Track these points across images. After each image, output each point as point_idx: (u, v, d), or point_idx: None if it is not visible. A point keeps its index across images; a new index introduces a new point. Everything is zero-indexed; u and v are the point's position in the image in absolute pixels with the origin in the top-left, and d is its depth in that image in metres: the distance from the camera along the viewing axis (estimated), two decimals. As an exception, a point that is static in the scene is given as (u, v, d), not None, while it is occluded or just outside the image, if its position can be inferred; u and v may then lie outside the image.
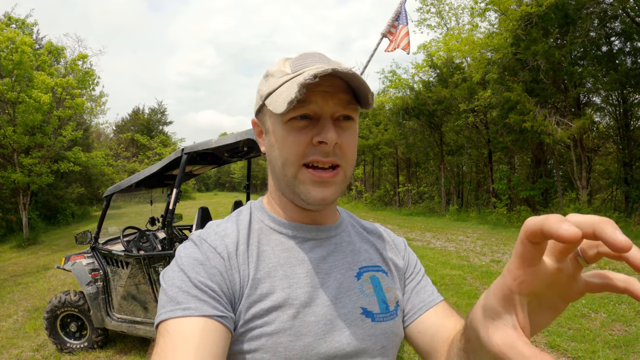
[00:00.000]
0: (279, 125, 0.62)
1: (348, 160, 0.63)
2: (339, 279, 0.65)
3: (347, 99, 0.61)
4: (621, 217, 9.92)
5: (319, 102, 0.59)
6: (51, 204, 15.41)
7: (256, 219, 0.69)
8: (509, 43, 11.24)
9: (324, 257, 0.66)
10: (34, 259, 8.94)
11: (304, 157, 0.61)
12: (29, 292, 6.19)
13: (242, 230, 0.65)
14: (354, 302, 0.65)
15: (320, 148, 0.60)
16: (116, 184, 3.88)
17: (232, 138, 2.78)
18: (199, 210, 3.67)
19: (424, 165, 20.12)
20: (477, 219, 13.02)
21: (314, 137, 0.59)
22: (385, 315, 0.67)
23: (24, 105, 9.87)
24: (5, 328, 4.68)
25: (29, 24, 13.56)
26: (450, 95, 14.15)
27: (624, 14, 10.07)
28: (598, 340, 3.51)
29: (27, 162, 10.78)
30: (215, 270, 0.59)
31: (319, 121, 0.60)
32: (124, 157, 28.59)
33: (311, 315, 0.60)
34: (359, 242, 0.74)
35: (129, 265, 3.38)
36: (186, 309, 0.54)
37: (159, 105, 36.79)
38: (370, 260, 0.72)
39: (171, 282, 0.58)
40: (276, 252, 0.64)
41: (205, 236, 0.63)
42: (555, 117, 10.33)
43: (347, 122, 0.62)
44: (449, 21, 16.65)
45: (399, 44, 5.38)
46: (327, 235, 0.69)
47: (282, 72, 0.63)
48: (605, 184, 13.75)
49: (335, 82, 0.59)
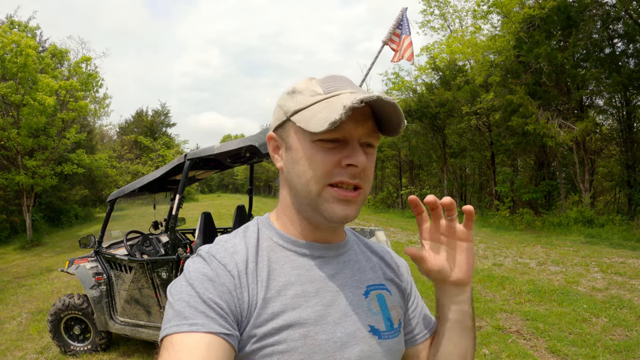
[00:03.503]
0: (307, 143, 0.62)
1: (369, 182, 0.65)
2: (348, 297, 0.67)
3: (373, 127, 0.63)
4: (624, 219, 9.87)
5: (350, 127, 0.60)
6: (55, 205, 15.50)
7: (264, 236, 0.69)
8: (511, 45, 11.23)
9: (333, 275, 0.68)
10: (37, 261, 8.99)
11: (330, 177, 0.61)
12: (33, 294, 6.22)
13: (251, 247, 0.66)
14: (362, 320, 0.67)
15: (348, 170, 0.61)
16: (120, 188, 3.90)
17: (235, 144, 2.81)
18: (201, 216, 3.69)
19: (427, 168, 20.11)
20: (479, 221, 12.99)
21: (343, 159, 0.61)
22: (391, 332, 0.69)
23: (28, 108, 9.93)
24: (9, 330, 4.71)
25: (32, 28, 13.65)
26: (452, 97, 14.14)
27: (626, 16, 10.05)
28: (599, 345, 3.50)
29: (31, 164, 10.83)
30: (225, 288, 0.59)
31: (347, 145, 0.61)
32: (128, 159, 28.71)
33: (322, 334, 0.61)
34: (364, 260, 0.75)
35: (132, 269, 3.41)
36: (193, 324, 0.54)
37: (162, 107, 36.92)
38: (376, 278, 0.74)
39: (179, 296, 0.58)
40: (286, 270, 0.65)
41: (215, 252, 0.64)
42: (558, 120, 10.30)
43: (370, 149, 0.64)
44: (453, 23, 16.66)
45: (403, 54, 5.40)
46: (335, 253, 0.70)
47: (312, 91, 0.63)
48: (609, 186, 13.70)
49: (365, 109, 0.61)
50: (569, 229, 9.93)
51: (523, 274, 6.08)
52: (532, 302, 4.75)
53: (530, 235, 9.91)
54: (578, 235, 9.39)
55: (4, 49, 9.38)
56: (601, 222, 9.88)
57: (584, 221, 10.08)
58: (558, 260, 6.88)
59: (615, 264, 6.32)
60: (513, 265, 6.66)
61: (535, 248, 8.15)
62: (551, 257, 7.17)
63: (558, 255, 7.24)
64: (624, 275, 5.70)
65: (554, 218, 10.86)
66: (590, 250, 7.57)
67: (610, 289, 5.08)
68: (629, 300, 4.61)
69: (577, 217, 10.23)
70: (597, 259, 6.80)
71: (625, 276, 5.64)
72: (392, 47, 5.55)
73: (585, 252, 7.45)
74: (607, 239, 8.70)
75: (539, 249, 8.06)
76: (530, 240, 9.20)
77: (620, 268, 6.06)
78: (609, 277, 5.66)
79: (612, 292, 4.95)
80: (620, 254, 7.10)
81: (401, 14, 5.51)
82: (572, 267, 6.33)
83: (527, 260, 6.97)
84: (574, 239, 8.99)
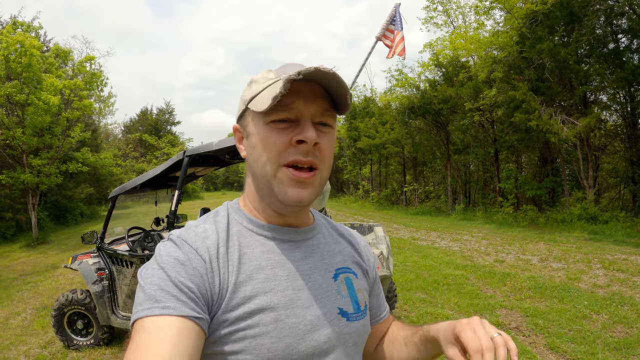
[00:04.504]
0: (261, 127, 0.64)
1: (325, 163, 0.65)
2: (318, 281, 0.68)
3: (326, 106, 0.64)
4: (628, 216, 9.80)
5: (300, 106, 0.61)
6: (60, 203, 15.65)
7: (234, 220, 0.69)
8: (514, 41, 11.16)
9: (303, 259, 0.69)
10: (43, 259, 9.11)
11: (285, 157, 0.62)
12: (38, 291, 6.32)
13: (222, 232, 0.66)
14: (332, 302, 0.68)
15: (300, 148, 0.61)
16: (121, 185, 3.95)
17: (232, 141, 2.84)
18: (200, 212, 3.73)
19: (431, 165, 20.04)
20: (483, 218, 12.95)
21: (294, 137, 0.61)
22: (358, 314, 0.72)
23: (33, 107, 10.04)
24: (14, 325, 4.79)
25: (35, 28, 13.75)
26: (455, 94, 14.08)
27: (630, 10, 9.93)
28: (598, 342, 3.47)
29: (36, 163, 10.95)
30: (196, 272, 0.59)
31: (300, 123, 0.62)
32: (132, 157, 28.90)
33: (292, 317, 0.62)
34: (332, 243, 0.77)
35: (133, 264, 3.45)
36: (165, 307, 0.54)
37: (167, 105, 37.11)
38: (344, 262, 0.76)
39: (150, 279, 0.58)
40: (257, 254, 0.65)
41: (186, 237, 0.63)
42: (561, 116, 10.23)
43: (325, 128, 0.65)
44: (456, 19, 16.56)
45: (394, 50, 5.39)
46: (304, 237, 0.71)
47: (265, 78, 0.65)
48: (613, 182, 13.58)
49: (315, 88, 0.62)
50: (572, 226, 9.88)
51: (524, 270, 6.07)
52: (532, 299, 4.74)
53: (534, 232, 9.87)
54: (581, 232, 9.34)
55: (8, 49, 9.47)
56: (605, 219, 9.81)
57: (588, 218, 10.01)
58: (560, 256, 6.86)
59: (618, 261, 6.28)
60: (515, 262, 6.65)
61: (538, 245, 8.12)
62: (553, 253, 7.15)
63: (560, 252, 7.21)
64: (626, 272, 5.66)
65: (557, 215, 10.80)
66: (593, 247, 7.54)
67: (612, 286, 5.06)
68: (631, 297, 4.58)
69: (580, 214, 10.16)
70: (599, 255, 6.76)
71: (627, 273, 5.61)
72: (385, 43, 5.53)
73: (588, 248, 7.42)
74: (611, 235, 8.65)
75: (541, 245, 8.03)
76: (534, 237, 9.17)
77: (623, 265, 6.02)
78: (611, 273, 5.64)
79: (613, 289, 4.92)
80: (623, 251, 7.06)
81: (394, 9, 5.48)
82: (574, 264, 6.31)
83: (529, 257, 6.96)
84: (577, 236, 8.95)
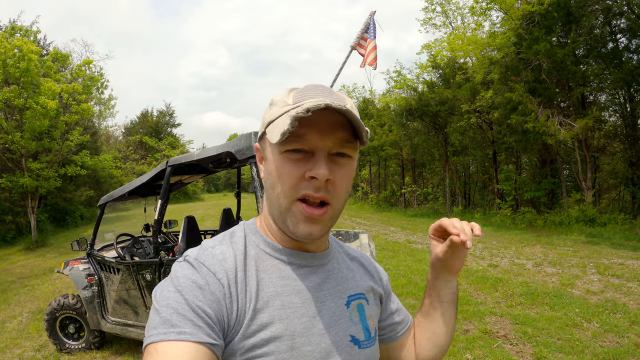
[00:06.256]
0: (277, 155, 0.63)
1: (339, 197, 0.64)
2: (332, 308, 0.69)
3: (345, 137, 0.61)
4: (627, 218, 9.72)
5: (314, 139, 0.60)
6: (60, 206, 15.75)
7: (251, 243, 0.69)
8: (511, 42, 11.12)
9: (319, 285, 0.69)
10: (41, 262, 9.16)
11: (297, 191, 0.61)
12: (34, 294, 6.37)
13: (239, 255, 0.65)
14: (344, 330, 0.69)
15: (312, 183, 0.60)
16: (109, 193, 3.99)
17: (214, 150, 2.85)
18: (185, 220, 3.74)
19: (430, 166, 20.01)
20: (481, 220, 12.89)
21: (307, 171, 0.60)
22: (369, 342, 0.73)
23: (31, 112, 10.12)
24: (10, 329, 4.87)
25: (33, 32, 13.84)
26: (452, 95, 14.05)
27: (629, 10, 9.88)
28: (587, 352, 3.38)
29: (35, 167, 11.04)
30: (214, 297, 0.58)
31: (314, 155, 0.60)
32: (133, 160, 29.02)
33: (308, 345, 0.63)
34: (345, 269, 0.77)
35: (119, 271, 3.48)
36: (181, 332, 0.53)
37: (167, 107, 37.22)
38: (356, 288, 0.76)
39: (166, 302, 0.56)
40: (273, 279, 0.65)
41: (203, 259, 0.62)
42: (558, 118, 10.18)
43: (342, 159, 0.62)
44: (455, 20, 16.53)
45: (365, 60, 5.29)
46: (320, 263, 0.71)
47: (284, 102, 0.63)
48: (613, 184, 13.50)
49: (334, 117, 0.60)
50: (570, 228, 9.81)
51: (518, 275, 6.03)
52: (523, 305, 4.69)
53: (531, 235, 9.82)
54: (579, 234, 9.28)
55: (6, 54, 9.55)
56: (603, 221, 9.74)
57: (586, 220, 9.94)
58: (555, 261, 6.81)
59: (613, 265, 6.23)
60: (509, 266, 6.61)
61: (534, 248, 8.08)
62: (549, 257, 7.10)
63: (556, 256, 7.16)
64: (621, 277, 5.61)
65: (555, 217, 10.74)
66: (590, 251, 7.48)
67: (605, 292, 5.00)
68: (624, 304, 4.50)
69: (578, 216, 10.09)
70: (595, 259, 6.71)
71: (622, 278, 5.55)
72: (360, 51, 5.42)
73: (585, 252, 7.37)
74: (609, 238, 8.59)
75: (538, 249, 7.99)
76: (530, 239, 9.12)
77: (619, 270, 5.97)
78: (606, 279, 5.58)
79: (607, 295, 4.86)
80: (620, 255, 7.00)
81: (369, 17, 5.35)
82: (569, 269, 6.26)
83: (524, 261, 6.92)
84: (574, 239, 8.90)
